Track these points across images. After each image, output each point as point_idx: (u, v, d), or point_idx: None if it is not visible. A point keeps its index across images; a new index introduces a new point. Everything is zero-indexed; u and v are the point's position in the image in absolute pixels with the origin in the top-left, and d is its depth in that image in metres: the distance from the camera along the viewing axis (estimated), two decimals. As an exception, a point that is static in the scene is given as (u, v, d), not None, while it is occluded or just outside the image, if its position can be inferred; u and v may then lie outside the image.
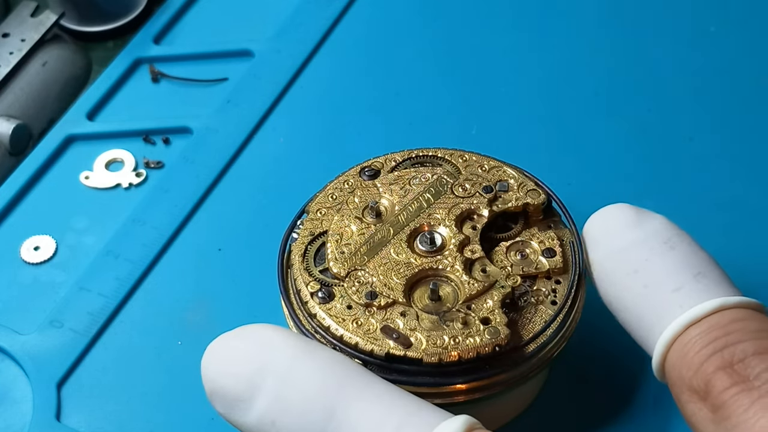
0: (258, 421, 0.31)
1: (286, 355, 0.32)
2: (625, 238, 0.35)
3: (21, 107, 0.52)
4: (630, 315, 0.34)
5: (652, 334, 0.33)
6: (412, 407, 0.31)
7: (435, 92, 0.51)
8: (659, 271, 0.34)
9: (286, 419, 0.31)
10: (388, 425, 0.30)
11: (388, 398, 0.31)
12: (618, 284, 0.34)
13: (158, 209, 0.47)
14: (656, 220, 0.35)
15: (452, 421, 0.30)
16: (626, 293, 0.34)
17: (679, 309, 0.32)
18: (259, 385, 0.31)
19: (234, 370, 0.32)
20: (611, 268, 0.35)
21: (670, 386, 0.32)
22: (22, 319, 0.43)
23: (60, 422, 0.40)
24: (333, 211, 0.38)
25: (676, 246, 0.34)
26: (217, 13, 0.56)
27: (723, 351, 0.30)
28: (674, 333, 0.32)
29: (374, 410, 0.30)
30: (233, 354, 0.32)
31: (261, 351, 0.32)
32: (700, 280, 0.33)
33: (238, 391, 0.32)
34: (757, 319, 0.32)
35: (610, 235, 0.35)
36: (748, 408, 0.29)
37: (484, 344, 0.34)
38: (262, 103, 0.51)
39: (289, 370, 0.31)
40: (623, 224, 0.35)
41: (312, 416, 0.31)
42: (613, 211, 0.36)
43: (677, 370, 0.32)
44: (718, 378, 0.30)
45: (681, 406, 0.32)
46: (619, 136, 0.49)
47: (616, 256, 0.35)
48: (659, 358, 0.33)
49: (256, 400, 0.31)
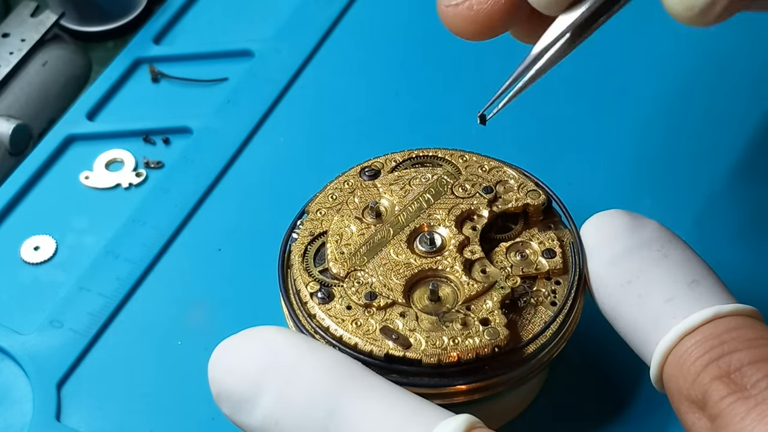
0: (262, 420, 0.31)
1: (289, 355, 0.32)
2: (617, 247, 0.35)
3: (21, 107, 0.52)
4: (626, 326, 0.34)
5: (648, 345, 0.33)
6: (414, 406, 0.31)
7: (435, 92, 0.51)
8: (653, 280, 0.33)
9: (289, 418, 0.31)
10: (389, 424, 0.30)
11: (390, 397, 0.31)
12: (613, 295, 0.34)
13: (158, 209, 0.47)
14: (649, 227, 0.35)
15: (453, 419, 0.30)
16: (621, 304, 0.34)
17: (672, 320, 0.32)
18: (264, 386, 0.31)
19: (239, 372, 0.32)
20: (605, 279, 0.35)
21: (669, 397, 0.32)
22: (22, 319, 0.43)
23: (60, 422, 0.40)
24: (333, 212, 0.38)
25: (670, 254, 0.34)
26: (217, 13, 0.56)
27: (719, 360, 0.30)
28: (669, 344, 0.32)
29: (376, 409, 0.31)
30: (239, 356, 0.32)
31: (265, 352, 0.32)
32: (694, 288, 0.33)
33: (244, 391, 0.32)
34: (753, 326, 0.32)
35: (602, 244, 0.35)
36: (744, 416, 0.29)
37: (484, 345, 0.34)
38: (262, 103, 0.51)
39: (293, 370, 0.32)
40: (615, 233, 0.35)
41: (314, 414, 0.31)
42: (606, 219, 0.36)
43: (675, 381, 0.32)
44: (714, 388, 0.30)
45: (680, 417, 0.32)
46: (619, 136, 0.49)
47: (609, 267, 0.35)
48: (656, 370, 0.33)
49: (261, 400, 0.31)
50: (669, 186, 0.47)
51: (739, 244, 0.44)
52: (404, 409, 0.31)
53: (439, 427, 0.30)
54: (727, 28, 0.53)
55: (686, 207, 0.46)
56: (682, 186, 0.47)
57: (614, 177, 0.47)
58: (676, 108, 0.50)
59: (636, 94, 0.51)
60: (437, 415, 0.30)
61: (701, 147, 0.48)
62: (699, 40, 0.53)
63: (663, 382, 0.33)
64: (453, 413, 0.30)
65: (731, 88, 0.50)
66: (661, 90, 0.51)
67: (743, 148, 0.48)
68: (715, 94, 0.50)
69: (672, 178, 0.47)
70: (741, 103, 0.50)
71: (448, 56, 0.53)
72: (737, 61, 0.52)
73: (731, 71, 0.51)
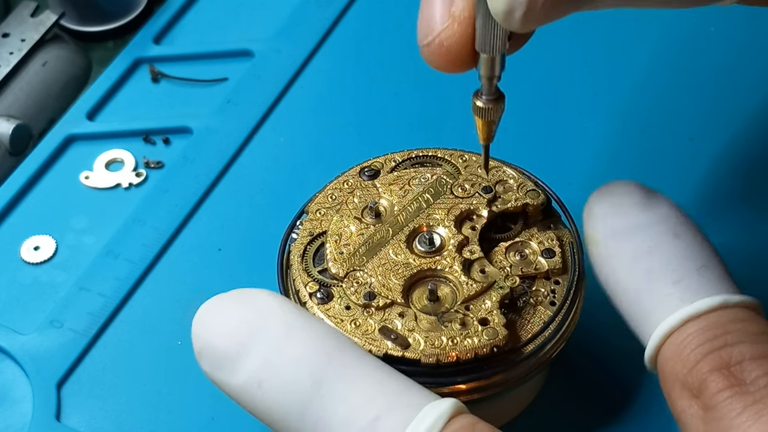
0: (245, 381, 0.31)
1: (280, 321, 0.32)
2: (631, 220, 0.34)
3: (21, 107, 0.52)
4: (627, 300, 0.34)
5: (648, 323, 0.33)
6: (402, 386, 0.31)
7: (435, 92, 0.51)
8: (662, 259, 0.33)
9: (273, 382, 0.31)
10: (377, 401, 0.30)
11: (379, 375, 0.31)
12: (618, 268, 0.34)
13: (158, 209, 0.47)
14: (663, 204, 0.35)
15: (440, 402, 0.30)
16: (626, 278, 0.33)
17: (679, 302, 0.32)
18: (250, 347, 0.31)
19: (226, 330, 0.32)
20: (613, 250, 0.34)
21: (661, 379, 0.32)
22: (22, 319, 0.43)
23: (60, 422, 0.40)
24: (332, 212, 0.38)
25: (681, 235, 0.34)
26: (217, 13, 0.56)
27: (720, 351, 0.30)
28: (671, 326, 0.32)
29: (364, 385, 0.30)
30: (227, 314, 0.32)
31: (256, 314, 0.32)
32: (703, 273, 0.33)
33: (228, 349, 0.31)
34: (757, 321, 0.31)
35: (615, 214, 0.34)
36: (741, 412, 0.29)
37: (483, 345, 0.34)
38: (262, 103, 0.51)
39: (282, 336, 0.31)
40: (630, 205, 0.34)
41: (300, 382, 0.30)
42: (621, 188, 0.35)
43: (671, 365, 0.31)
44: (713, 379, 0.30)
45: (670, 401, 0.31)
46: (619, 136, 0.49)
47: (619, 238, 0.34)
48: (653, 349, 0.32)
49: (245, 360, 0.31)
50: (669, 186, 0.47)
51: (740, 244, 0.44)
52: (392, 387, 0.30)
53: (425, 410, 0.30)
54: (728, 30, 0.53)
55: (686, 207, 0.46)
56: (682, 186, 0.47)
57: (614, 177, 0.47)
58: (676, 108, 0.50)
59: (636, 95, 0.50)
60: (424, 397, 0.30)
61: (701, 147, 0.48)
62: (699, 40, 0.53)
63: (657, 363, 0.32)
64: (440, 396, 0.30)
65: (731, 88, 0.50)
66: (662, 90, 0.51)
67: (745, 147, 0.48)
68: (715, 94, 0.50)
69: (672, 178, 0.47)
70: (741, 103, 0.50)
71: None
72: (737, 61, 0.52)
73: (731, 71, 0.51)
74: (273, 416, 0.31)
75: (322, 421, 0.30)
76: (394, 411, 0.30)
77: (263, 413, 0.31)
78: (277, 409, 0.31)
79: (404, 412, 0.30)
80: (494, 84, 0.34)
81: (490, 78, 0.34)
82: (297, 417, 0.30)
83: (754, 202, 0.46)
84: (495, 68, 0.34)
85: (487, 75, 0.34)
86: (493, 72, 0.34)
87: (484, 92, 0.35)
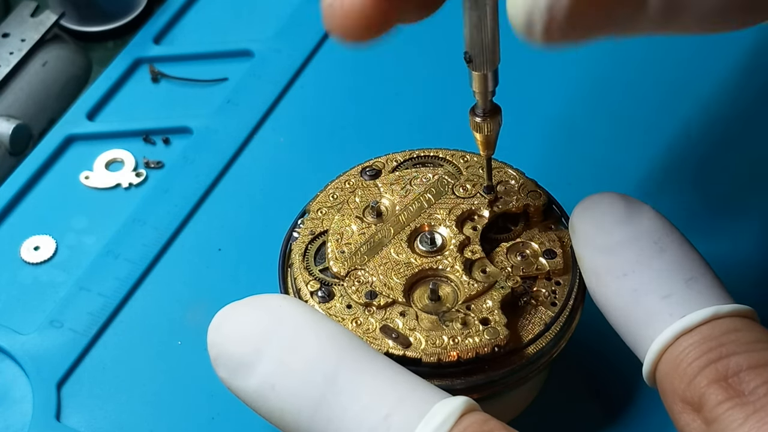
0: (259, 385, 0.31)
1: (292, 322, 0.32)
2: (613, 236, 0.34)
3: (21, 107, 0.52)
4: (619, 318, 0.33)
5: (642, 340, 0.33)
6: (413, 384, 0.31)
7: (435, 92, 0.51)
8: (650, 274, 0.33)
9: (286, 384, 0.31)
10: (388, 398, 0.30)
11: (390, 373, 0.31)
12: (607, 286, 0.34)
13: (158, 209, 0.47)
14: (645, 215, 0.34)
15: (451, 400, 0.30)
16: (615, 296, 0.33)
17: (669, 317, 0.32)
18: (263, 350, 0.31)
19: (241, 336, 0.32)
20: (599, 269, 0.34)
21: (662, 395, 0.32)
22: (22, 319, 0.43)
23: (60, 422, 0.40)
24: (334, 211, 0.38)
25: (667, 248, 0.33)
26: (217, 13, 0.56)
27: (717, 363, 0.30)
28: (665, 343, 0.31)
29: (375, 383, 0.30)
30: (241, 320, 0.32)
31: (268, 318, 0.32)
32: (691, 286, 0.32)
33: (243, 355, 0.32)
34: (751, 329, 0.31)
35: (597, 232, 0.34)
36: (743, 423, 0.29)
37: (483, 344, 0.34)
38: (262, 103, 0.51)
39: (294, 337, 0.31)
40: (612, 222, 0.34)
41: (312, 382, 0.30)
42: (603, 202, 0.35)
43: (669, 381, 0.31)
44: (712, 392, 0.30)
45: (674, 417, 0.31)
46: (619, 136, 0.49)
47: (604, 256, 0.34)
48: (650, 367, 0.32)
49: (259, 364, 0.31)
50: (668, 186, 0.47)
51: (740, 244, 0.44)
52: (404, 385, 0.30)
53: (436, 407, 0.30)
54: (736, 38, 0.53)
55: (686, 207, 0.46)
56: (682, 186, 0.47)
57: (614, 177, 0.47)
58: (677, 108, 0.50)
59: (636, 95, 0.51)
60: (435, 395, 0.30)
61: (701, 147, 0.48)
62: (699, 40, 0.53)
63: (656, 380, 0.32)
64: (450, 395, 0.30)
65: (731, 88, 0.50)
66: (662, 90, 0.51)
67: (743, 147, 0.48)
68: (715, 94, 0.50)
69: (672, 178, 0.47)
70: (741, 103, 0.50)
71: (448, 56, 0.52)
72: (737, 61, 0.52)
73: (731, 70, 0.51)
74: (285, 418, 0.31)
75: (335, 420, 0.30)
76: (405, 408, 0.30)
77: (276, 415, 0.31)
78: (290, 410, 0.31)
79: (415, 409, 0.30)
80: (488, 99, 0.34)
81: (483, 93, 0.34)
82: (309, 416, 0.30)
83: (755, 202, 0.46)
84: (488, 83, 0.34)
85: (481, 90, 0.34)
86: (486, 87, 0.34)
87: (479, 107, 0.35)
